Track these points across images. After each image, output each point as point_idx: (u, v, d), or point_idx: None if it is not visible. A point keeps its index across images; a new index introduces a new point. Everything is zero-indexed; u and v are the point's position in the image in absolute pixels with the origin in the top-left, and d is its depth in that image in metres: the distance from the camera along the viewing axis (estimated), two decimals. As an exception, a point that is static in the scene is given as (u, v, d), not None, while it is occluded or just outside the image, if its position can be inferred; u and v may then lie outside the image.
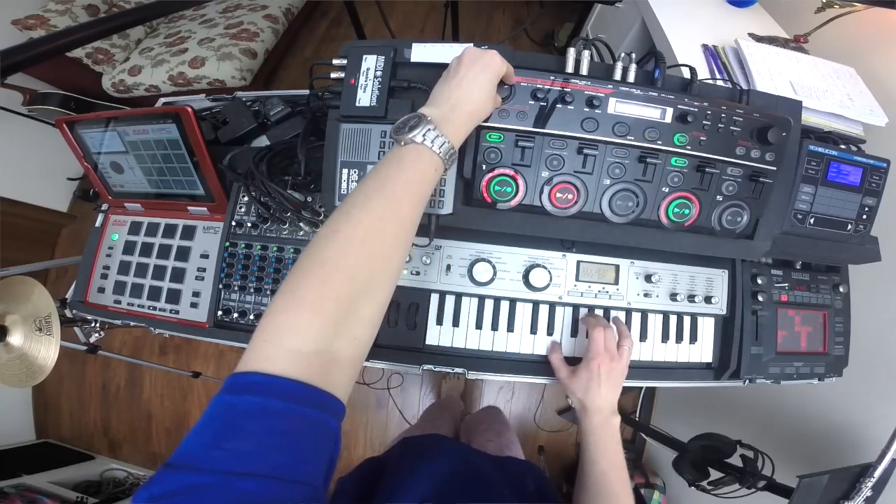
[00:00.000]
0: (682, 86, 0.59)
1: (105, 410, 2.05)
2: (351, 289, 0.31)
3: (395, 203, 0.35)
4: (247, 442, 0.25)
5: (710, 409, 1.47)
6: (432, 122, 0.40)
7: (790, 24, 1.12)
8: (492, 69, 0.46)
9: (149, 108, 0.73)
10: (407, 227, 0.37)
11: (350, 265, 0.32)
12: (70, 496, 1.63)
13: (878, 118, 0.81)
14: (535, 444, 1.80)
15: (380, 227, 0.34)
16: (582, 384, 0.58)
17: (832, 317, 0.75)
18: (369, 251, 0.33)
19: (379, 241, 0.33)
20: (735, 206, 0.60)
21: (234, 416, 0.27)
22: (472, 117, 0.46)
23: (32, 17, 1.69)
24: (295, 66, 2.41)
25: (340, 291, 0.31)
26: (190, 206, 0.79)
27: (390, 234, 0.34)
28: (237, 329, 0.71)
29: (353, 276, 0.32)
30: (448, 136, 0.40)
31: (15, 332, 0.89)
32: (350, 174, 0.59)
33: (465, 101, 0.44)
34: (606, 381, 0.57)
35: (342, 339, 0.30)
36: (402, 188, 0.36)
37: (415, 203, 0.37)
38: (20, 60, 0.46)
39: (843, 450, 0.95)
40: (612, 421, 0.56)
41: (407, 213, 0.36)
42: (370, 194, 0.35)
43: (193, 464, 0.25)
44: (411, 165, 0.38)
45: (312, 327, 0.29)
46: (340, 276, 0.31)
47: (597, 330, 0.60)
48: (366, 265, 0.32)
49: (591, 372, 0.57)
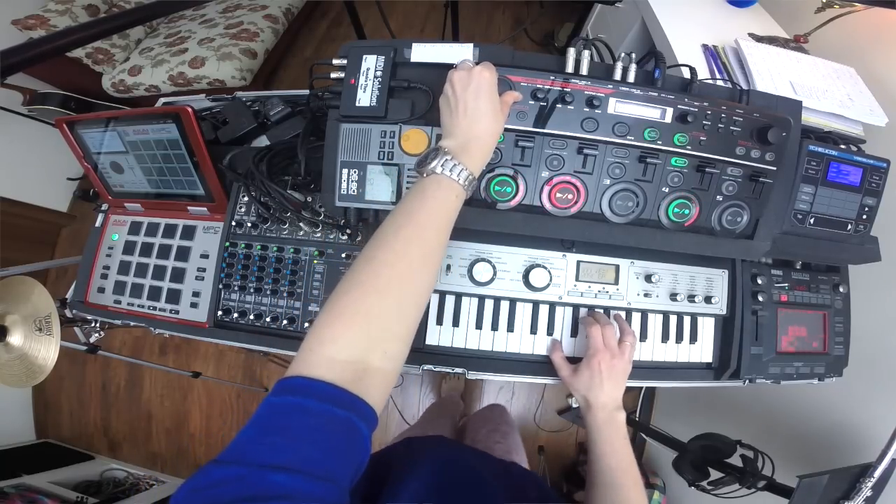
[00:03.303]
0: (682, 86, 0.59)
1: (105, 410, 2.05)
2: (383, 307, 0.35)
3: (420, 230, 0.39)
4: (283, 436, 0.28)
5: (710, 409, 1.47)
6: (449, 152, 0.44)
7: (790, 24, 1.12)
8: (484, 89, 0.47)
9: (149, 108, 0.73)
10: (434, 250, 0.40)
11: (382, 286, 0.36)
12: (70, 496, 1.63)
13: (878, 118, 0.81)
14: (535, 444, 1.80)
15: (408, 252, 0.38)
16: (584, 382, 0.58)
17: (832, 317, 0.75)
18: (400, 274, 0.37)
19: (407, 264, 0.37)
20: (735, 206, 0.60)
21: (275, 413, 0.30)
22: (488, 141, 0.47)
23: (32, 17, 1.69)
24: (295, 66, 2.41)
25: (373, 309, 0.35)
26: (190, 206, 0.79)
27: (417, 258, 0.38)
28: (237, 329, 0.71)
29: (385, 295, 0.36)
30: (466, 164, 0.43)
31: (15, 332, 0.89)
32: (350, 174, 0.59)
33: (475, 129, 0.46)
34: (609, 378, 0.57)
35: (375, 352, 0.34)
36: (425, 217, 0.40)
37: (439, 229, 0.41)
38: (20, 60, 0.46)
39: (843, 450, 0.95)
40: (618, 416, 0.56)
41: (432, 239, 0.40)
42: (399, 224, 0.39)
43: (235, 458, 0.27)
44: (433, 195, 0.41)
45: (347, 338, 0.33)
46: (374, 296, 0.35)
47: (594, 327, 0.60)
48: (397, 286, 0.36)
49: (593, 369, 0.57)
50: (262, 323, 0.71)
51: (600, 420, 0.55)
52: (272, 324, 0.71)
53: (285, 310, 0.71)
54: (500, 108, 0.49)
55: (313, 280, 0.71)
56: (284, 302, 0.71)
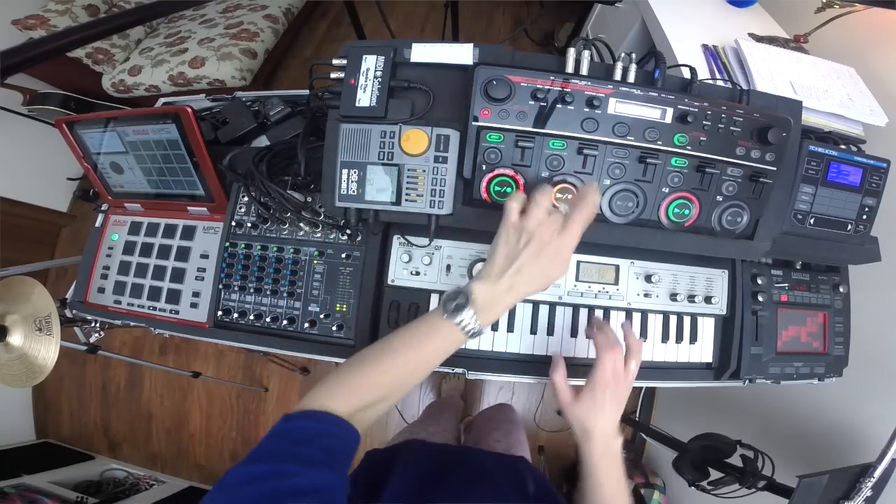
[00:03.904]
0: (682, 86, 0.59)
1: (105, 410, 2.05)
2: (374, 397, 0.44)
3: (420, 357, 0.46)
4: (309, 448, 0.38)
5: (710, 409, 1.47)
6: (475, 306, 0.45)
7: (790, 24, 1.12)
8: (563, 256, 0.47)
9: (149, 109, 0.73)
10: (424, 371, 0.47)
11: (378, 386, 0.45)
12: (70, 496, 1.63)
13: (878, 118, 0.81)
14: (535, 444, 1.80)
15: (404, 371, 0.46)
16: (584, 410, 0.53)
17: (832, 317, 0.75)
18: (393, 381, 0.45)
19: (400, 379, 0.46)
20: (735, 206, 0.60)
21: (288, 431, 0.39)
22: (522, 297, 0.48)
23: (32, 17, 1.69)
24: (295, 66, 2.41)
25: (366, 399, 0.44)
26: (190, 207, 0.79)
27: (408, 375, 0.46)
28: (237, 329, 0.71)
29: (377, 392, 0.45)
30: (482, 322, 0.46)
31: (15, 332, 0.89)
32: (350, 174, 0.59)
33: (520, 287, 0.46)
34: (611, 404, 0.53)
35: (362, 413, 0.44)
36: (428, 350, 0.46)
37: (436, 359, 0.47)
38: (20, 61, 0.46)
39: (843, 450, 0.95)
40: (615, 445, 0.52)
41: (427, 365, 0.47)
42: (406, 346, 0.46)
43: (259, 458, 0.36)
44: (443, 336, 0.46)
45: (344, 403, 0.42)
46: (368, 393, 0.44)
47: (607, 354, 0.53)
48: (388, 389, 0.45)
49: (596, 399, 0.52)
50: (262, 323, 0.71)
51: (598, 452, 0.51)
52: (272, 324, 0.71)
53: (285, 310, 0.71)
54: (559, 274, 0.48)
55: (313, 280, 0.71)
56: (284, 302, 0.71)
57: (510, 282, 0.46)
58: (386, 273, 0.70)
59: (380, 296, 0.70)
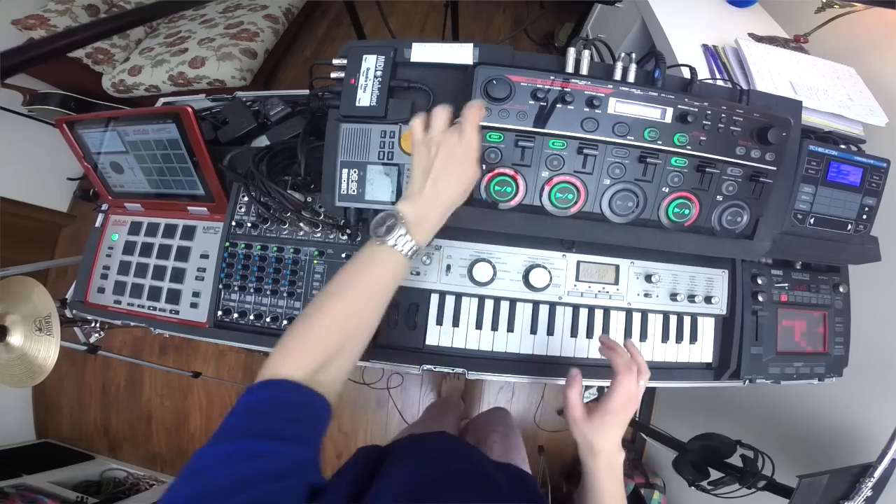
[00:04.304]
0: (682, 86, 0.59)
1: (105, 410, 2.05)
2: (327, 351, 0.42)
3: (361, 293, 0.45)
4: (276, 421, 0.36)
5: (710, 409, 1.47)
6: (405, 225, 0.46)
7: (790, 24, 1.12)
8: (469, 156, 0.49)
9: (149, 108, 0.73)
10: (373, 308, 0.46)
11: (328, 336, 0.43)
12: (70, 496, 1.63)
13: (878, 118, 0.81)
14: (535, 444, 1.80)
15: (350, 313, 0.44)
16: (594, 429, 0.52)
17: (832, 317, 0.75)
18: (342, 328, 0.44)
19: (348, 324, 0.44)
20: (735, 206, 0.60)
21: (250, 403, 0.38)
22: (449, 208, 0.50)
23: (32, 17, 1.69)
24: (295, 66, 2.41)
25: (318, 356, 0.42)
26: (190, 206, 0.79)
27: (356, 316, 0.45)
28: (237, 329, 0.71)
29: (329, 344, 0.43)
30: (418, 238, 0.47)
31: (15, 332, 0.89)
32: (350, 174, 0.59)
33: (442, 196, 0.49)
34: (621, 425, 0.52)
35: (321, 374, 0.41)
36: (368, 282, 0.46)
37: (380, 292, 0.46)
38: (21, 61, 0.46)
39: (843, 450, 0.95)
40: (618, 460, 0.52)
41: (372, 300, 0.46)
42: (345, 284, 0.45)
43: (226, 436, 0.35)
44: (381, 262, 0.46)
45: (299, 366, 0.40)
46: (321, 346, 0.42)
47: (627, 378, 0.52)
48: (339, 337, 0.43)
49: (607, 421, 0.52)
50: (262, 323, 0.71)
51: (602, 466, 0.51)
52: (272, 324, 0.71)
53: (285, 310, 0.71)
54: (472, 175, 0.51)
55: (313, 280, 0.71)
56: (284, 302, 0.71)
57: (432, 192, 0.48)
58: (386, 273, 0.70)
59: (380, 296, 0.70)
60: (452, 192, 0.49)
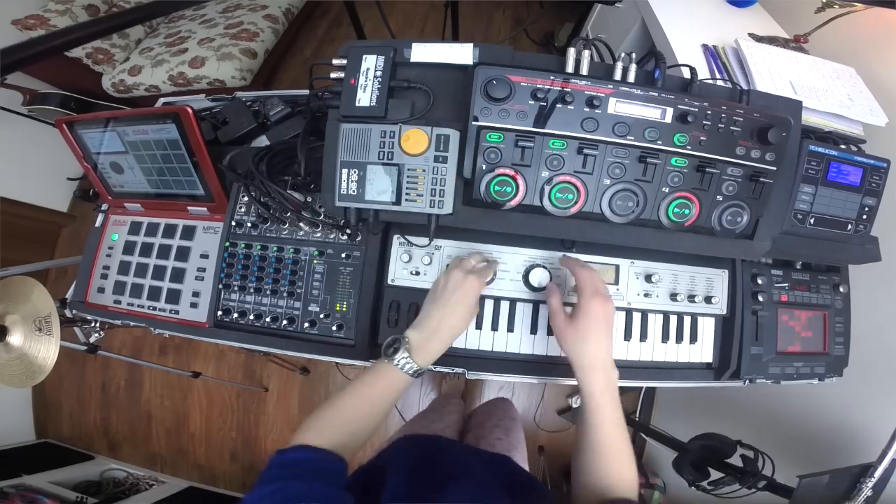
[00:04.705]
0: (682, 86, 0.59)
1: (105, 410, 2.05)
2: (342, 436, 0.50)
3: (370, 401, 0.53)
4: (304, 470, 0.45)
5: (710, 409, 1.47)
6: (410, 350, 0.53)
7: (790, 24, 1.12)
8: (472, 295, 0.56)
9: (148, 109, 0.73)
10: (378, 413, 0.53)
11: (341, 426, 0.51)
12: (70, 496, 1.63)
13: (878, 118, 0.81)
14: (535, 444, 1.80)
15: (360, 411, 0.52)
16: (581, 333, 0.53)
17: (832, 317, 0.75)
18: (352, 420, 0.52)
19: (358, 418, 0.52)
20: (735, 206, 0.60)
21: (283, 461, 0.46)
22: (452, 336, 0.56)
23: (32, 17, 1.69)
24: (295, 66, 2.41)
25: (336, 436, 0.49)
26: (190, 206, 0.79)
27: (366, 413, 0.53)
28: (237, 329, 0.71)
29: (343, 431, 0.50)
30: (420, 361, 0.53)
31: (15, 332, 0.89)
32: (350, 174, 0.59)
33: (446, 325, 0.55)
34: (606, 328, 0.53)
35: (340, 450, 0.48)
36: (372, 392, 0.53)
37: (386, 398, 0.53)
38: (20, 59, 0.46)
39: (843, 450, 0.95)
40: (613, 377, 0.52)
41: (379, 404, 0.53)
42: (357, 389, 0.53)
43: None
44: (385, 378, 0.53)
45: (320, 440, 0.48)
46: (337, 431, 0.50)
47: (584, 272, 0.56)
48: (351, 428, 0.51)
49: (590, 318, 0.53)
50: (262, 323, 0.71)
51: (600, 384, 0.51)
52: (272, 324, 0.71)
53: (285, 310, 0.71)
54: (475, 306, 0.57)
55: (313, 280, 0.71)
56: (284, 302, 0.71)
57: (439, 326, 0.55)
58: (386, 273, 0.70)
59: (380, 296, 0.70)
60: (453, 320, 0.56)
